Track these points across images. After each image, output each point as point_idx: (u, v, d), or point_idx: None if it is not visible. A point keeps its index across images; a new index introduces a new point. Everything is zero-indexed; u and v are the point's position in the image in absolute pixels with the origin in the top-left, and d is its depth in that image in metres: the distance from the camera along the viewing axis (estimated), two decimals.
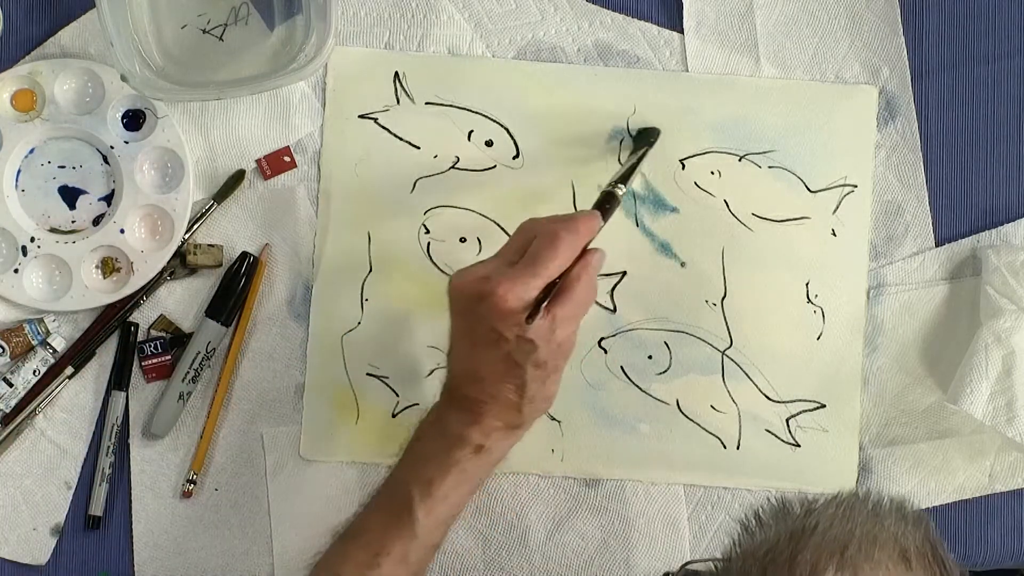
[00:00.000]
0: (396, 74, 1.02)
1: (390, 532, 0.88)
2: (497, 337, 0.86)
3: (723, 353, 1.02)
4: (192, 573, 1.00)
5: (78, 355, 1.00)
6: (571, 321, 0.88)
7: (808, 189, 1.02)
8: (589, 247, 0.89)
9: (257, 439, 1.01)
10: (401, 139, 1.02)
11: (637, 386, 1.02)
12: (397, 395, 1.01)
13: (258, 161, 1.02)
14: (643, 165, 0.99)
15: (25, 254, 0.99)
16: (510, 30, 1.03)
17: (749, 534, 0.74)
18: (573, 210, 1.01)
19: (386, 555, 0.87)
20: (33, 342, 1.00)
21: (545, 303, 0.86)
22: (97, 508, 1.00)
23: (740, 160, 1.02)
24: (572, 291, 0.87)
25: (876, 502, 0.74)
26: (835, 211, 1.02)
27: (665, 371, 1.02)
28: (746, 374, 1.02)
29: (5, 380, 0.99)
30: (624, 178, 0.95)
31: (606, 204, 0.93)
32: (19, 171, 1.00)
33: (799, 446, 1.02)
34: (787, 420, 1.02)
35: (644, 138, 1.01)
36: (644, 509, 1.01)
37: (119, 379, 1.00)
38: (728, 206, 1.02)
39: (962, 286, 1.03)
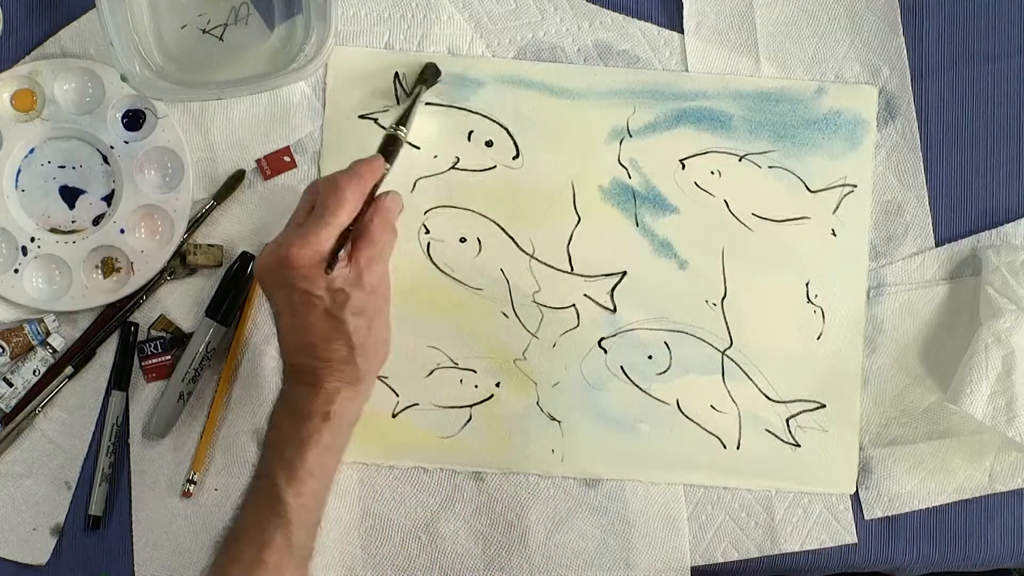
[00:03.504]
0: (396, 74, 1.02)
1: (266, 524, 0.88)
2: (310, 297, 0.88)
3: (723, 353, 1.02)
4: (192, 573, 1.00)
5: (78, 355, 1.00)
6: (375, 264, 0.90)
7: (808, 189, 1.02)
8: (382, 192, 0.92)
9: (257, 439, 1.01)
10: None
11: (637, 386, 1.02)
12: (397, 395, 1.01)
13: (258, 161, 1.02)
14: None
15: (25, 254, 0.99)
16: (510, 30, 1.03)
17: None
18: (574, 211, 1.01)
19: (268, 547, 0.87)
20: (33, 342, 1.00)
21: (343, 251, 0.88)
22: (97, 508, 1.00)
23: (740, 160, 1.02)
24: (369, 234, 0.89)
25: None
26: (835, 211, 1.02)
27: (665, 371, 1.02)
28: (746, 374, 1.02)
29: (5, 380, 0.99)
30: (403, 119, 0.96)
31: (389, 147, 0.95)
32: (19, 171, 1.00)
33: (799, 446, 1.02)
34: (787, 420, 1.02)
35: (422, 76, 1.01)
36: (644, 509, 1.01)
37: (119, 379, 1.00)
38: (728, 206, 1.02)
39: (962, 286, 1.03)
